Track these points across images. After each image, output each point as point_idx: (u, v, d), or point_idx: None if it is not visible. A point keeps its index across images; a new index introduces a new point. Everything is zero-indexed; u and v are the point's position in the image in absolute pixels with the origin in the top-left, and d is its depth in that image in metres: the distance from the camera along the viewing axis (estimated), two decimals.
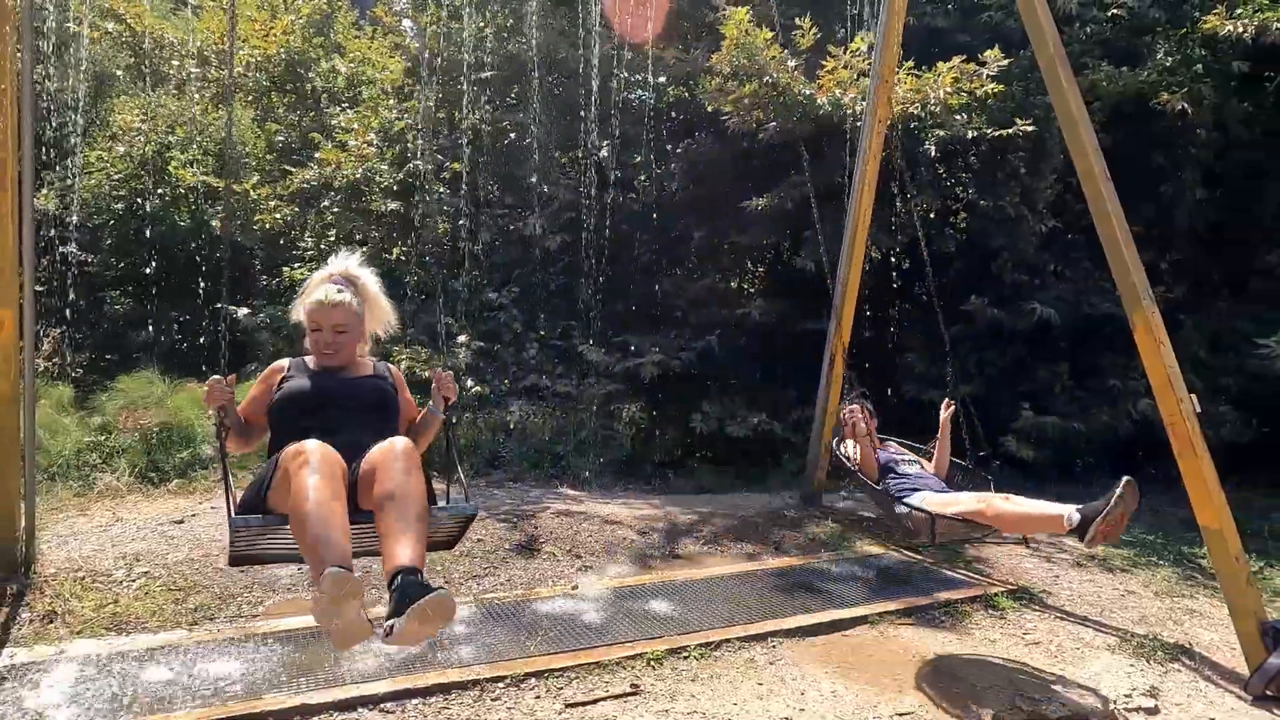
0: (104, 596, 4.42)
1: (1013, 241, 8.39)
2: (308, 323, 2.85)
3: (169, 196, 11.69)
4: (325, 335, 2.84)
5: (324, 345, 2.83)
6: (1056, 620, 4.75)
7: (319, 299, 2.83)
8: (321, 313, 2.81)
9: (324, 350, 2.83)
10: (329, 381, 2.82)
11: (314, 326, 2.83)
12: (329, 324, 2.83)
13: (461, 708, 3.41)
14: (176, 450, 7.51)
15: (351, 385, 2.86)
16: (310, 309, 2.84)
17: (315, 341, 2.85)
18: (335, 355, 2.84)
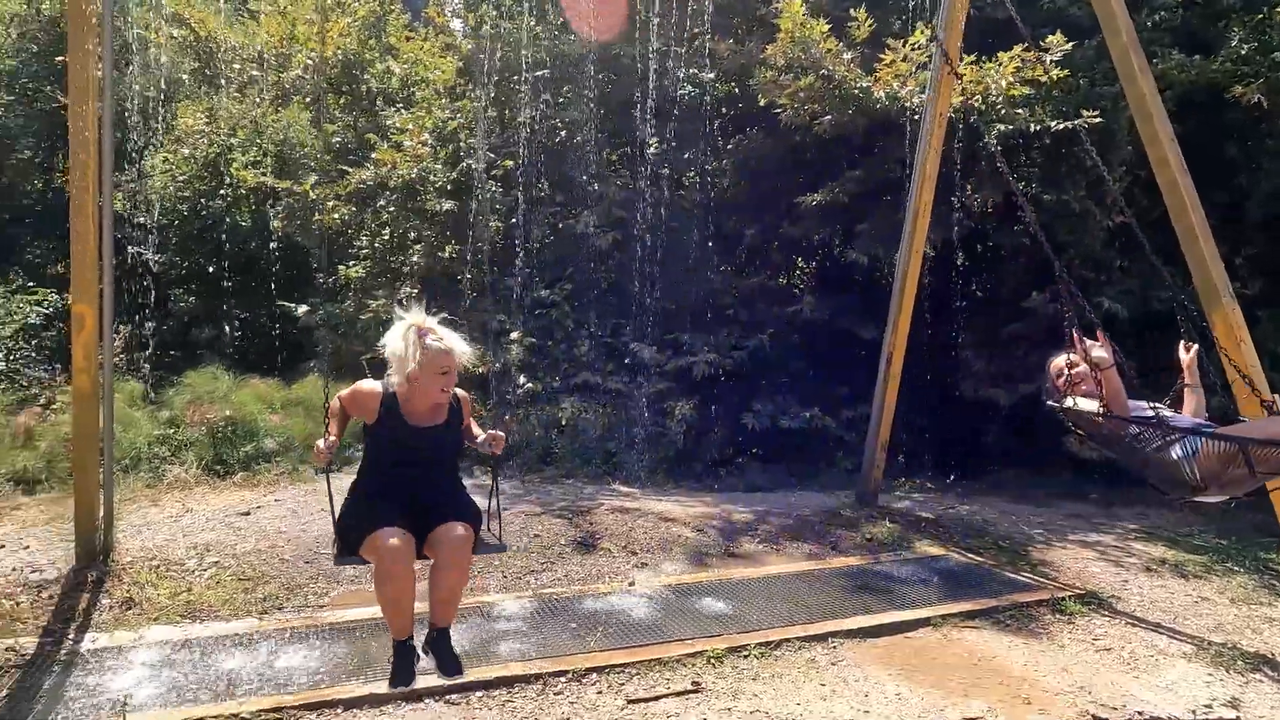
0: (178, 585, 4.57)
1: (1078, 237, 8.14)
2: (428, 368, 3.07)
3: (231, 197, 12.04)
4: (444, 381, 3.13)
5: (441, 389, 3.13)
6: (1128, 626, 4.61)
7: (442, 349, 3.10)
8: (445, 361, 3.10)
9: (442, 392, 3.14)
10: (417, 440, 3.17)
11: (441, 370, 3.09)
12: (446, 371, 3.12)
13: (525, 701, 3.44)
14: (241, 444, 7.73)
15: (435, 445, 3.22)
16: (434, 357, 3.07)
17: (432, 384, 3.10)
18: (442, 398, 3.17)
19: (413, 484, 3.15)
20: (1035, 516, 7.17)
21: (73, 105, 4.19)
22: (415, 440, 3.15)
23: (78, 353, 4.44)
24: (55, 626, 4.03)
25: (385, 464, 3.19)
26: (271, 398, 8.55)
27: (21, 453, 7.15)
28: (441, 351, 3.07)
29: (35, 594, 4.37)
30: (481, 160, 10.44)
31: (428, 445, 3.18)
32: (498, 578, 4.96)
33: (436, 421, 3.19)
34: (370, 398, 3.16)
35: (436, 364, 3.06)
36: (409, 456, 3.16)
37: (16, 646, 3.76)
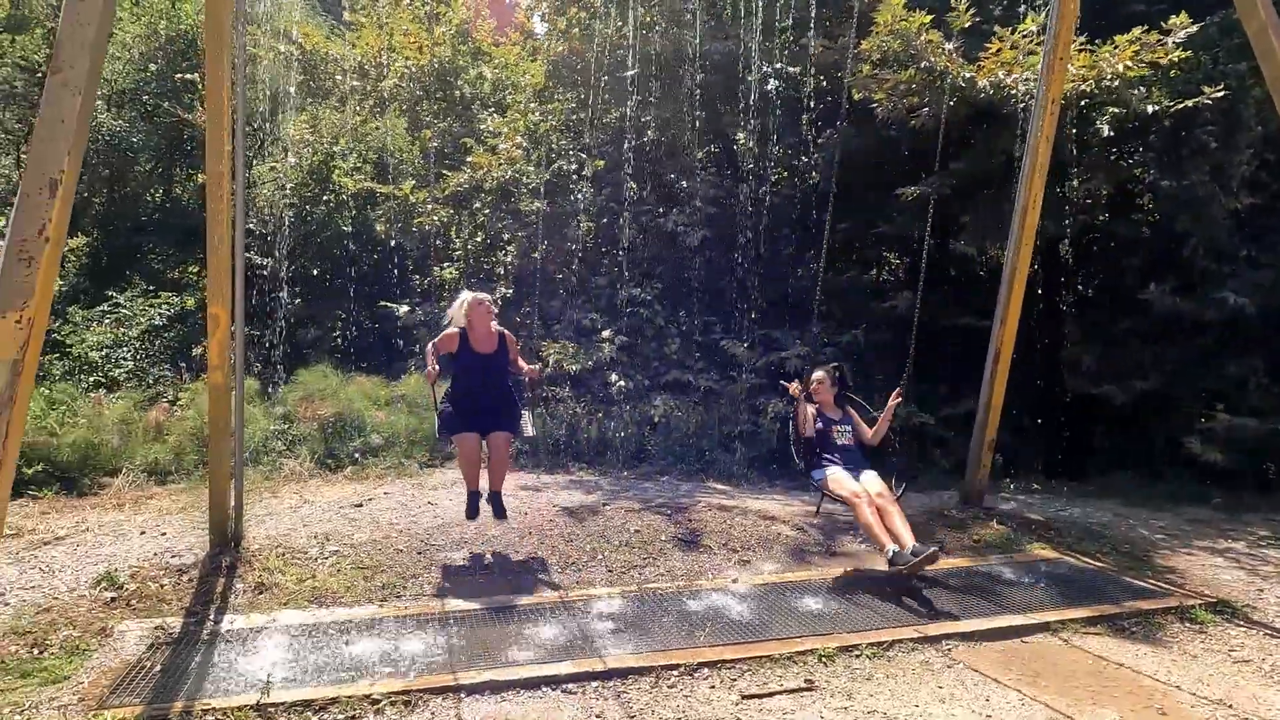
0: (303, 571, 4.81)
1: (1201, 224, 7.68)
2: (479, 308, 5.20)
3: (333, 203, 12.56)
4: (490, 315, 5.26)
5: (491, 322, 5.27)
6: (1266, 637, 4.34)
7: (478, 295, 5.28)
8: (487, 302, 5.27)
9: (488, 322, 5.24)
10: (481, 363, 5.22)
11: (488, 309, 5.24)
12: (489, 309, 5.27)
13: (639, 693, 3.48)
14: (349, 439, 8.08)
15: (490, 365, 5.25)
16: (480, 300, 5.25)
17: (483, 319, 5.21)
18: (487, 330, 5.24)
19: (481, 389, 5.18)
20: (1155, 520, 6.82)
21: (210, 121, 4.46)
22: (480, 361, 5.17)
23: (213, 351, 4.73)
24: (196, 608, 4.30)
25: (463, 376, 5.18)
26: (376, 395, 8.90)
27: (153, 446, 7.66)
28: (483, 297, 5.25)
29: (176, 577, 4.67)
30: (572, 160, 10.59)
31: (486, 369, 5.19)
32: (602, 571, 5.04)
33: (491, 349, 5.23)
34: (452, 337, 5.20)
35: (483, 304, 5.19)
36: (477, 369, 5.16)
37: (164, 625, 4.03)
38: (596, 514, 6.14)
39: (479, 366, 5.17)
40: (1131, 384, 8.31)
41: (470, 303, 5.18)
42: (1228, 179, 7.45)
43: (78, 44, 2.85)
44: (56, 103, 2.72)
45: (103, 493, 7.02)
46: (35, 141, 2.72)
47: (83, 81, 2.76)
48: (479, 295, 5.25)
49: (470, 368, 5.16)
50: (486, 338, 5.20)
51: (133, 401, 8.38)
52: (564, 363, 9.14)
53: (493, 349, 5.23)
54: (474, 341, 5.17)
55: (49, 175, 2.66)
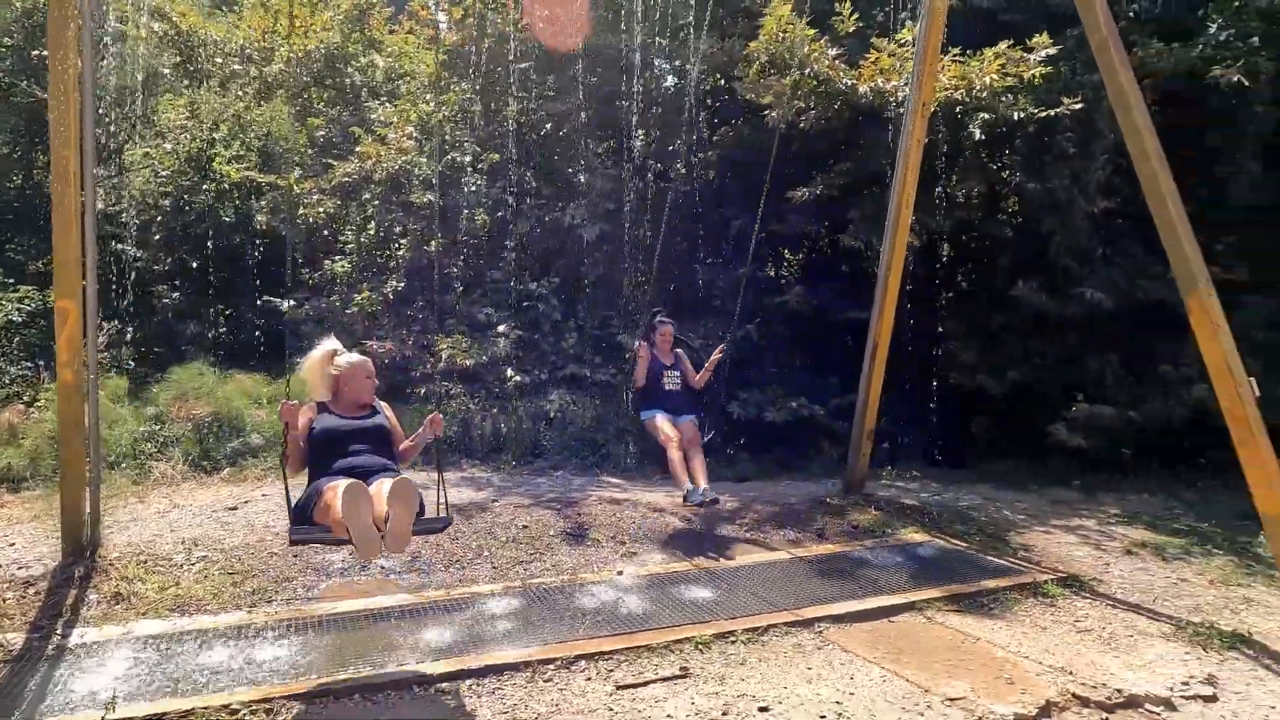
0: (166, 579, 4.57)
1: (1064, 226, 8.20)
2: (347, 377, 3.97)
3: (214, 192, 11.95)
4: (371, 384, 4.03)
5: (366, 391, 4.00)
6: (1108, 608, 4.68)
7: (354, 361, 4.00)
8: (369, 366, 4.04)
9: (367, 395, 4.00)
10: (345, 425, 3.88)
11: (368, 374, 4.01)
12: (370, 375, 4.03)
13: (514, 689, 3.47)
14: (227, 440, 7.72)
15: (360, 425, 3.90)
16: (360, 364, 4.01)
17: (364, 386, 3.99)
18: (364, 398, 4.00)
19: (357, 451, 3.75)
20: (1019, 502, 7.25)
21: (53, 99, 4.16)
22: (347, 425, 3.85)
23: (61, 348, 4.43)
24: (43, 622, 4.02)
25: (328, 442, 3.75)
26: (258, 393, 8.53)
27: (5, 450, 7.12)
28: (362, 361, 4.01)
29: (22, 590, 4.35)
30: (466, 152, 10.41)
31: (359, 430, 3.85)
32: (487, 569, 4.99)
33: (362, 415, 3.95)
34: (310, 410, 3.87)
35: (364, 369, 3.99)
36: (344, 432, 3.81)
37: (4, 642, 3.75)
38: (486, 511, 6.06)
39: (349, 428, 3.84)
40: (1005, 376, 8.80)
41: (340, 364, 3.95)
42: (1085, 184, 7.98)
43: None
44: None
45: None
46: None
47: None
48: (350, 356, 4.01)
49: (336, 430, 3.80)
50: (358, 406, 3.96)
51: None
52: (458, 358, 8.98)
53: (365, 414, 3.96)
54: (339, 410, 3.91)
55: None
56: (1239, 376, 4.15)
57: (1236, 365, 4.19)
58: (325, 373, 3.97)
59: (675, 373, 6.30)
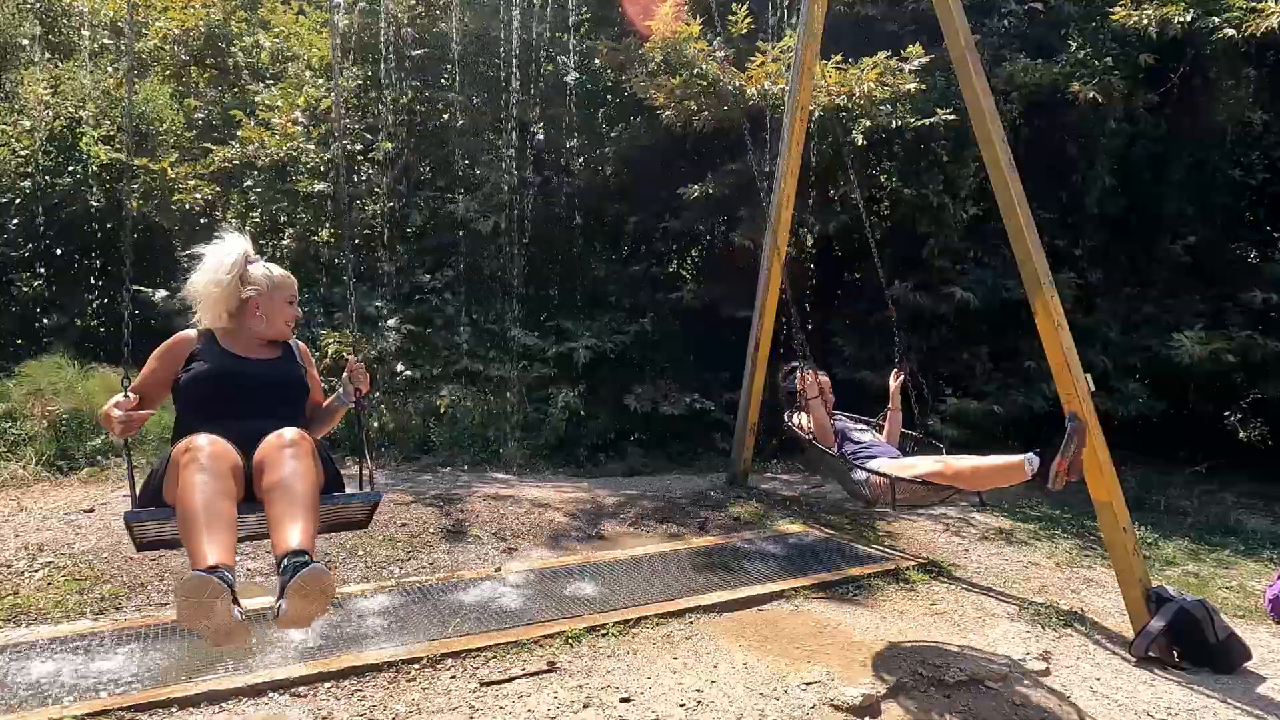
0: (3, 587, 4.28)
1: (938, 229, 8.63)
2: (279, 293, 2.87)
3: (80, 175, 11.20)
4: (291, 312, 2.90)
5: (286, 321, 2.92)
6: (962, 591, 4.96)
7: (276, 277, 2.89)
8: (292, 287, 2.90)
9: (286, 325, 2.92)
10: (246, 367, 2.79)
11: (289, 299, 2.90)
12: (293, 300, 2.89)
13: (375, 690, 3.41)
14: (88, 438, 7.26)
15: (267, 371, 2.84)
16: (283, 281, 2.91)
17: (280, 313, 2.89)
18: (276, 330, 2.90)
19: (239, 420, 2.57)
20: None
21: None
22: (241, 366, 2.75)
23: None
24: None
25: (202, 400, 2.66)
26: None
27: None
28: (286, 276, 2.93)
29: None
30: (357, 140, 10.11)
31: (258, 373, 2.77)
32: (360, 568, 4.87)
33: (269, 355, 2.86)
34: (185, 341, 2.80)
35: (287, 289, 2.90)
36: (231, 387, 2.68)
37: None
38: None
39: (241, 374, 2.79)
40: (884, 370, 9.19)
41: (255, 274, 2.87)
42: (958, 190, 8.41)
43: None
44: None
45: None
46: None
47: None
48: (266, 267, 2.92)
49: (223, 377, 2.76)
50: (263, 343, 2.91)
51: None
52: (344, 352, 8.72)
53: (274, 355, 2.93)
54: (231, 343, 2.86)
55: None
56: (1076, 373, 4.46)
57: (1075, 362, 4.50)
58: (232, 287, 2.79)
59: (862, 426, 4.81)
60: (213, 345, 2.81)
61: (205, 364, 2.72)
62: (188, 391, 2.71)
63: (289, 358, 2.96)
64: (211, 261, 2.86)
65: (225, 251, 2.85)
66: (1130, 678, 3.92)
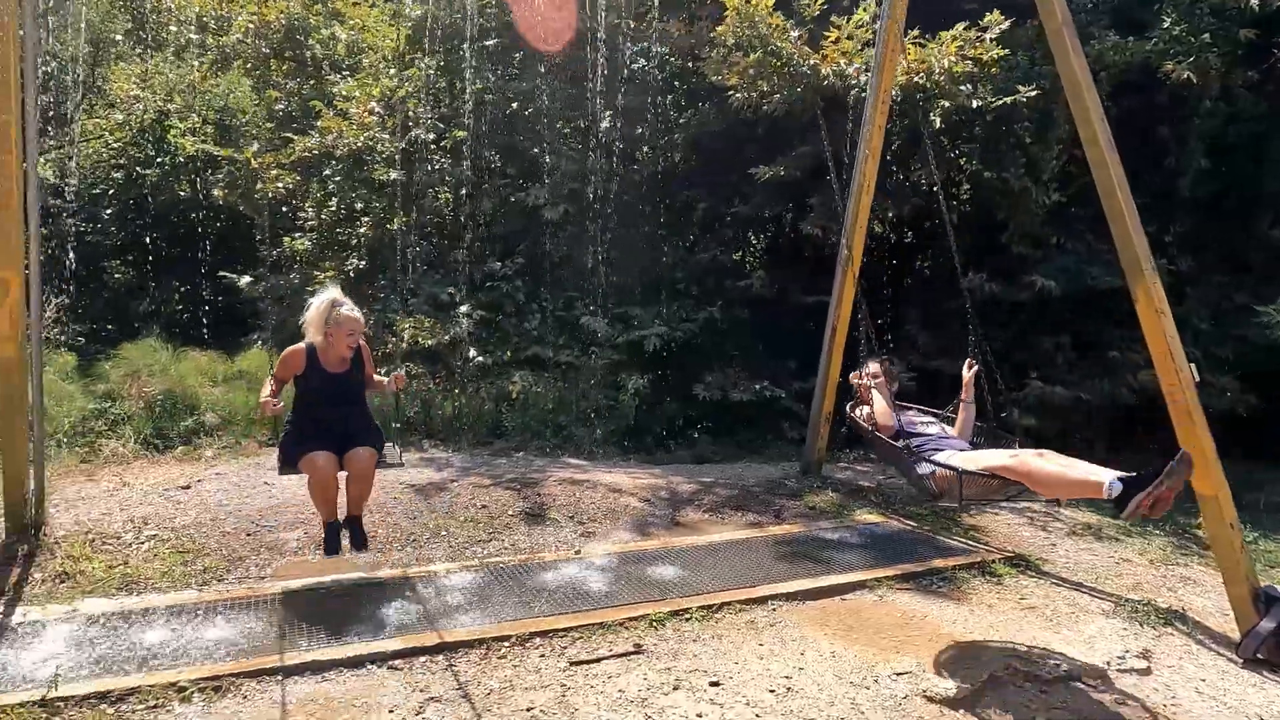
0: (114, 558, 4.49)
1: (1018, 214, 8.35)
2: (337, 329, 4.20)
3: (168, 165, 11.65)
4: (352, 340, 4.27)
5: (348, 346, 4.27)
6: (1052, 586, 4.82)
7: (354, 316, 4.26)
8: (355, 326, 4.26)
9: (349, 349, 4.27)
10: (333, 386, 4.28)
11: (350, 332, 4.24)
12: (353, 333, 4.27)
13: (468, 665, 3.48)
14: (181, 418, 7.57)
15: (345, 388, 4.33)
16: (347, 322, 4.21)
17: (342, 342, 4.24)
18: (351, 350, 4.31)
19: (332, 414, 4.24)
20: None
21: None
22: (330, 386, 4.26)
23: (2, 321, 4.30)
24: None
25: (311, 402, 4.24)
26: (213, 371, 8.37)
27: None
28: (353, 319, 4.24)
29: None
30: (430, 129, 10.27)
31: (341, 392, 4.30)
32: (444, 548, 4.97)
33: (345, 370, 4.31)
34: (297, 354, 4.24)
35: (348, 327, 4.22)
36: (327, 394, 4.24)
37: None
38: (444, 490, 6.04)
39: (330, 390, 4.23)
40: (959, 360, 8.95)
41: (336, 315, 4.15)
42: (1040, 173, 8.12)
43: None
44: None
45: None
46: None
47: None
48: (348, 311, 4.20)
49: (319, 392, 4.21)
50: (341, 359, 4.25)
51: None
52: (419, 338, 8.90)
53: (346, 369, 4.27)
54: (325, 360, 4.21)
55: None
56: (1180, 362, 4.28)
57: (1178, 350, 4.31)
58: (321, 319, 4.22)
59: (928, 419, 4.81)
60: (314, 362, 4.24)
61: (309, 380, 4.25)
62: (301, 395, 4.30)
63: (356, 365, 4.36)
64: (314, 303, 4.27)
65: (321, 299, 4.26)
66: (1238, 680, 3.76)
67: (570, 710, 3.14)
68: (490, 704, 3.17)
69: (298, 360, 4.21)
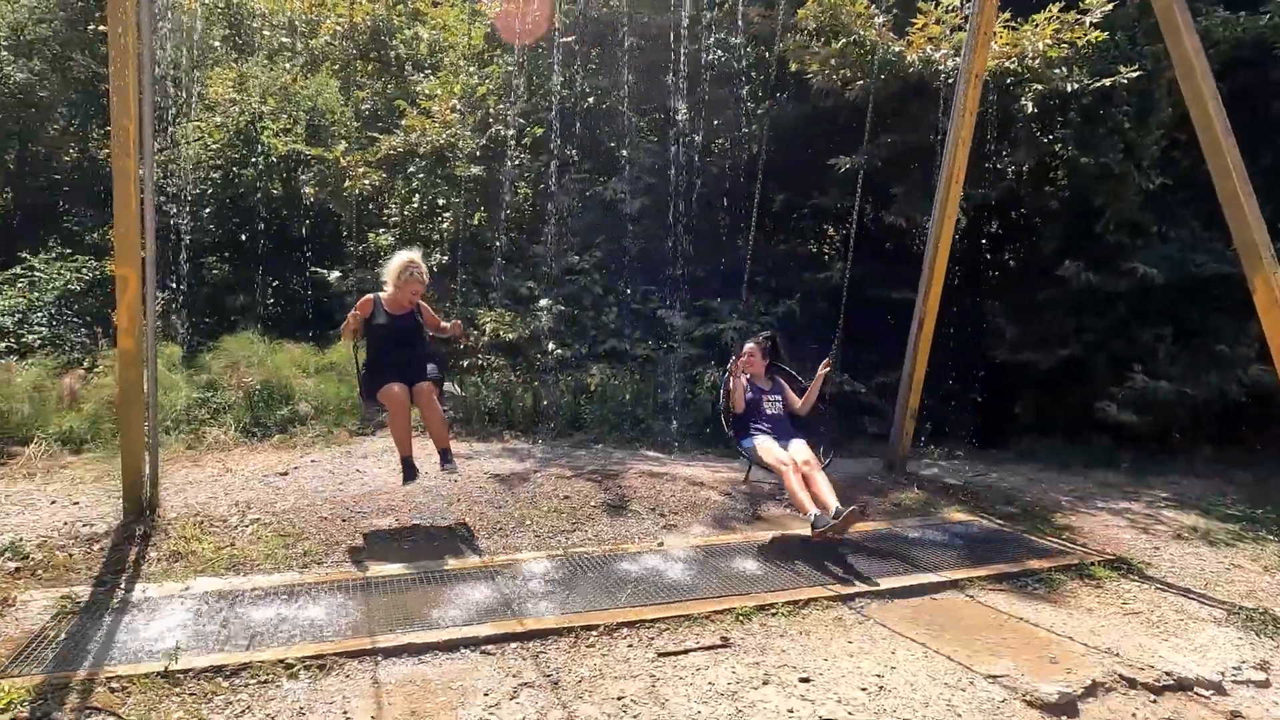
0: (221, 539, 4.73)
1: (1116, 200, 7.97)
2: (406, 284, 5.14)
3: (261, 165, 12.13)
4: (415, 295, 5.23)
5: (411, 300, 5.23)
6: (1157, 591, 4.60)
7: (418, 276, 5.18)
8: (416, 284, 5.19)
9: (411, 301, 5.23)
10: (397, 324, 5.18)
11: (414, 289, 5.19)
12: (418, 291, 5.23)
13: (558, 652, 3.54)
14: (276, 407, 7.90)
15: (406, 329, 5.21)
16: (412, 280, 5.15)
17: (406, 295, 5.18)
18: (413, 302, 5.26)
19: (398, 353, 5.11)
20: (1065, 484, 7.13)
21: (114, 71, 4.26)
22: (395, 324, 5.14)
23: (122, 314, 4.57)
24: (107, 576, 4.19)
25: (379, 338, 5.13)
26: (305, 362, 8.70)
27: (68, 414, 7.37)
28: (419, 280, 5.17)
29: (87, 546, 4.54)
30: (510, 126, 10.42)
31: (404, 330, 5.17)
32: (529, 536, 5.06)
33: (405, 314, 5.21)
34: (369, 301, 5.15)
35: (414, 285, 5.15)
36: (391, 332, 5.12)
37: (72, 594, 3.92)
38: (527, 481, 6.15)
39: (393, 329, 5.14)
40: (1052, 352, 8.63)
41: (410, 273, 5.11)
42: (1140, 158, 7.73)
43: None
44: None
45: (12, 462, 6.74)
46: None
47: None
48: (418, 273, 5.15)
49: (385, 328, 5.13)
50: (401, 306, 5.19)
51: (46, 369, 8.04)
52: (500, 331, 9.07)
53: (406, 314, 5.22)
54: (390, 308, 5.16)
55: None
56: None
57: None
58: (396, 273, 5.11)
59: (776, 397, 5.70)
60: (380, 307, 5.16)
61: (377, 318, 5.14)
62: (371, 334, 5.19)
63: (415, 314, 5.29)
64: (396, 257, 5.24)
65: (401, 257, 5.21)
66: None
67: (661, 701, 3.15)
68: (581, 691, 3.21)
69: (369, 304, 5.13)
